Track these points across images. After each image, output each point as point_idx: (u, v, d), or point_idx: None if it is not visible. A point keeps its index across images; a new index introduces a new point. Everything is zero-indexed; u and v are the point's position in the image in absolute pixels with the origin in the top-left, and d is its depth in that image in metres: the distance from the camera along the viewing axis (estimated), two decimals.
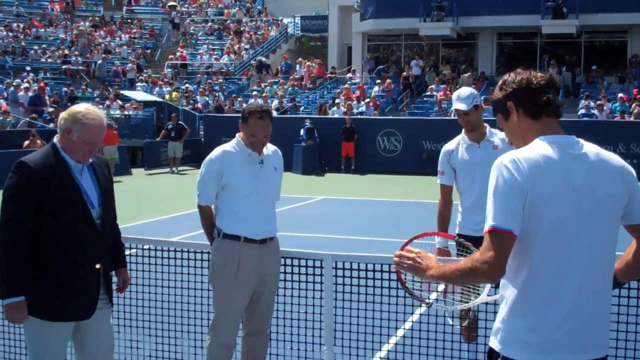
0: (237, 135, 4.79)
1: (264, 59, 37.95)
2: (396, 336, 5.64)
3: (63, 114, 3.91)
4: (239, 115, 4.71)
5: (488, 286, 3.22)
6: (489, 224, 2.60)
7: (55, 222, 3.79)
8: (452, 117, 26.32)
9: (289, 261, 4.98)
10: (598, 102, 25.76)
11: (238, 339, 4.87)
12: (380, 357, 5.35)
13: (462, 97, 5.30)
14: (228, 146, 4.74)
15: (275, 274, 4.83)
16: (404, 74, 31.77)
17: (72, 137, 3.83)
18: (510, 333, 2.68)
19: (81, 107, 3.91)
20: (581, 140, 2.74)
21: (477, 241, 5.19)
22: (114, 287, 4.20)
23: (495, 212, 2.59)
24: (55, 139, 3.93)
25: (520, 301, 2.67)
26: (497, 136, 5.35)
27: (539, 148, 2.67)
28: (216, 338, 4.70)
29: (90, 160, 3.96)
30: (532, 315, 2.64)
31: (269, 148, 4.84)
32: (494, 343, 2.72)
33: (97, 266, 3.93)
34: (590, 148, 2.72)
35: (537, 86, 2.75)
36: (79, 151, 3.86)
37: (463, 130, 5.45)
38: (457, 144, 5.49)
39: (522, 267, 2.65)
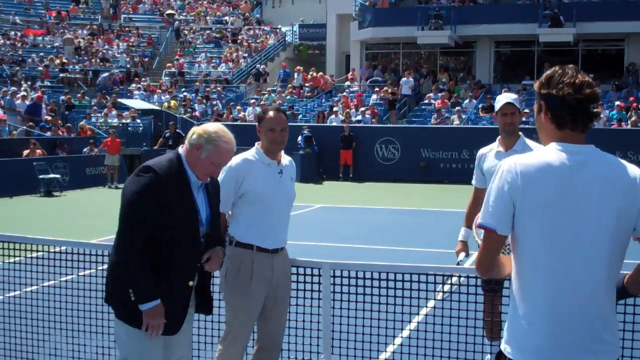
0: (256, 144, 4.75)
1: (263, 66, 37.98)
2: (394, 344, 5.62)
3: (197, 130, 3.86)
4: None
5: None
6: (479, 220, 2.76)
7: (165, 234, 3.73)
8: (451, 125, 26.47)
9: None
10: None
11: (249, 348, 4.82)
12: None
13: (511, 96, 5.50)
14: (248, 154, 4.71)
15: (286, 284, 4.79)
16: (390, 90, 31.20)
17: (201, 154, 3.81)
18: (508, 332, 2.74)
19: (216, 128, 3.89)
20: (599, 151, 2.72)
21: None
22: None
23: (484, 211, 2.74)
24: (181, 150, 3.89)
25: (516, 302, 2.73)
26: (531, 146, 5.43)
27: (545, 154, 2.69)
28: (228, 349, 4.64)
29: (207, 180, 3.98)
30: (526, 317, 2.68)
31: (286, 158, 4.81)
32: (502, 344, 2.78)
33: (190, 283, 3.91)
34: (604, 158, 2.71)
35: (571, 102, 2.71)
36: (204, 170, 3.86)
37: (498, 137, 5.61)
38: (490, 149, 5.69)
39: (518, 269, 2.72)
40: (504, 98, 5.54)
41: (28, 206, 18.37)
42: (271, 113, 4.69)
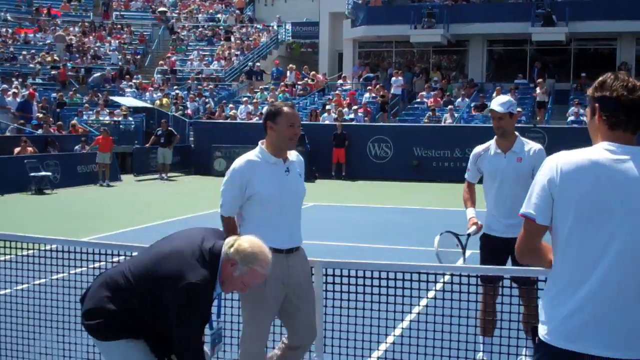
0: (259, 143, 4.64)
1: (257, 64, 37.95)
2: (386, 343, 5.61)
3: (236, 244, 3.70)
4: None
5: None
6: (521, 210, 2.97)
7: None
8: (443, 124, 26.50)
9: None
10: (587, 109, 25.82)
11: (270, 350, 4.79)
12: None
13: (500, 101, 5.65)
14: (251, 155, 4.60)
15: (306, 283, 4.67)
16: (381, 93, 30.97)
17: (234, 272, 3.68)
18: (542, 314, 2.94)
19: (256, 249, 3.70)
20: None
21: (496, 241, 5.44)
22: None
23: (527, 202, 2.95)
24: (222, 252, 3.72)
25: (549, 286, 2.97)
26: (527, 147, 5.64)
27: (591, 152, 2.86)
28: (248, 351, 4.55)
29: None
30: (556, 301, 2.88)
31: (292, 154, 4.72)
32: (539, 327, 2.96)
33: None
34: None
35: (625, 102, 2.85)
36: (232, 287, 3.80)
37: (495, 137, 5.77)
38: (487, 149, 5.81)
39: (555, 256, 2.95)
40: (491, 103, 5.78)
41: (19, 204, 18.30)
42: (288, 109, 4.58)
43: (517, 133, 5.75)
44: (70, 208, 17.72)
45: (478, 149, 5.89)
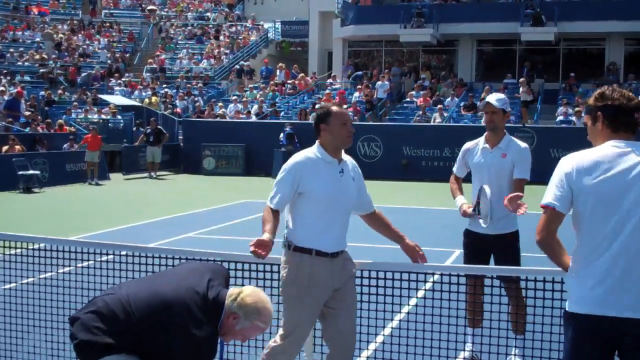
0: (317, 142, 4.60)
1: (246, 63, 37.89)
2: (376, 342, 5.61)
3: (240, 297, 3.60)
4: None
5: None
6: (542, 201, 3.46)
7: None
8: (433, 123, 26.53)
9: (267, 267, 4.93)
10: (576, 109, 25.95)
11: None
12: None
13: (496, 97, 5.79)
14: (310, 152, 4.57)
15: (350, 285, 4.59)
16: (365, 93, 30.81)
17: (236, 325, 3.62)
18: (569, 291, 3.52)
19: (259, 304, 3.62)
20: None
21: (480, 237, 5.44)
22: None
23: (547, 194, 3.46)
24: (225, 304, 3.62)
25: (573, 266, 3.49)
26: (513, 144, 5.76)
27: (600, 149, 3.45)
28: (283, 351, 4.47)
29: None
30: (582, 275, 3.42)
31: (347, 157, 4.68)
32: (567, 304, 3.51)
33: None
34: None
35: (625, 109, 3.48)
36: (232, 338, 3.73)
37: (485, 133, 5.87)
38: (476, 145, 5.92)
39: (577, 239, 3.47)
40: (487, 97, 5.86)
41: (7, 203, 18.20)
42: (336, 108, 4.58)
43: (506, 131, 5.84)
44: (58, 207, 17.64)
45: (468, 144, 6.01)
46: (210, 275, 3.76)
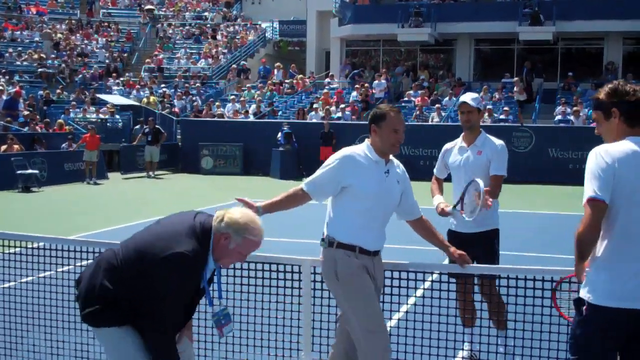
0: (366, 140, 4.61)
1: (244, 62, 37.89)
2: None
3: (226, 217, 3.72)
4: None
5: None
6: (588, 195, 3.37)
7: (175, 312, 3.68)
8: (431, 123, 26.53)
9: (267, 266, 4.95)
10: (574, 109, 25.98)
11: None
12: None
13: (471, 96, 5.90)
14: (358, 149, 4.57)
15: (381, 288, 4.65)
16: (363, 92, 30.64)
17: (229, 244, 3.69)
18: (594, 284, 3.44)
19: (246, 218, 3.74)
20: None
21: (462, 237, 5.57)
22: None
23: (593, 186, 3.37)
24: (213, 234, 3.71)
25: (604, 259, 3.43)
26: (489, 142, 5.86)
27: (627, 144, 3.45)
28: (375, 345, 4.34)
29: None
30: (613, 270, 3.40)
31: (394, 160, 4.68)
32: (583, 293, 3.48)
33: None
34: None
35: None
36: (230, 260, 3.79)
37: (462, 133, 5.98)
38: (454, 145, 6.04)
39: (608, 232, 3.42)
40: (462, 97, 5.99)
41: (5, 202, 18.20)
42: (393, 113, 4.54)
43: (482, 130, 5.96)
44: (57, 206, 17.64)
45: (447, 145, 6.15)
46: (199, 213, 3.88)
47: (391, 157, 4.64)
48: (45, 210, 16.77)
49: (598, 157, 3.42)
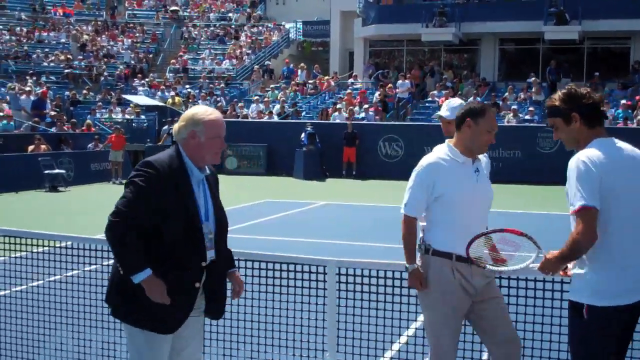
0: (447, 141, 4.39)
1: (268, 62, 37.99)
2: (399, 343, 5.61)
3: (179, 123, 3.82)
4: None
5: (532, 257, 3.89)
6: (579, 203, 3.42)
7: (165, 231, 3.66)
8: None
9: (292, 267, 4.96)
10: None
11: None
12: None
13: (450, 106, 5.18)
14: (440, 153, 4.32)
15: (491, 285, 4.34)
16: (384, 93, 30.42)
17: (200, 139, 3.76)
18: (590, 285, 3.51)
19: (194, 109, 3.87)
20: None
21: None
22: (228, 293, 4.03)
23: (582, 194, 3.42)
24: (180, 145, 3.82)
25: (598, 261, 3.51)
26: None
27: (602, 148, 3.53)
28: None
29: (207, 172, 3.91)
30: (610, 270, 3.48)
31: (480, 155, 4.42)
32: (577, 297, 3.56)
33: (197, 285, 3.77)
34: (629, 146, 3.67)
35: (598, 104, 3.65)
36: (211, 150, 3.82)
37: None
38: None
39: (601, 235, 3.44)
40: (441, 110, 5.32)
41: (33, 201, 18.41)
42: (493, 113, 4.35)
43: None
44: (84, 205, 17.80)
45: (429, 158, 5.72)
46: None
47: None
48: (72, 209, 16.93)
49: (581, 165, 3.47)
